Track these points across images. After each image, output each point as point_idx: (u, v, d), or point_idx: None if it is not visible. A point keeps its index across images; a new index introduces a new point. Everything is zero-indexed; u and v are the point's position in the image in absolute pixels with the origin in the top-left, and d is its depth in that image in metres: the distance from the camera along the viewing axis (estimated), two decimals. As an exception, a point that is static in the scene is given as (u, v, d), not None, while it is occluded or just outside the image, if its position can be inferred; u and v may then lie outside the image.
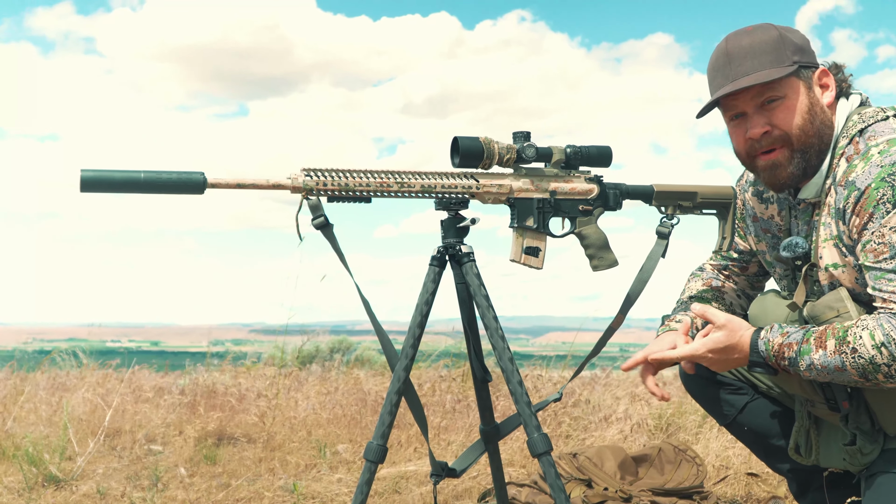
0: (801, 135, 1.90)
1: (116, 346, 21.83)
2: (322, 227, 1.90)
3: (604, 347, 2.20)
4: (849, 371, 1.79)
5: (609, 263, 2.10)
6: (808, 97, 1.91)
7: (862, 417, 1.94)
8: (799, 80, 1.91)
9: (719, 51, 1.95)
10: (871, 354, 1.75)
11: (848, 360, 1.78)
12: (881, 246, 1.78)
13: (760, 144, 1.93)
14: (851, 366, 1.78)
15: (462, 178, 1.97)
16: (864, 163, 1.82)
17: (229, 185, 1.82)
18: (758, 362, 1.92)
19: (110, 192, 1.74)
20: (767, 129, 1.91)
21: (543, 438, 1.93)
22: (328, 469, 3.61)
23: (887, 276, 1.77)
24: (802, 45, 1.92)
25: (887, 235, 1.76)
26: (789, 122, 1.90)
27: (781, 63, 1.88)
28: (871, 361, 1.75)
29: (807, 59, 1.92)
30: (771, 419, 2.24)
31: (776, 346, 1.88)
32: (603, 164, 2.10)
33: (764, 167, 1.96)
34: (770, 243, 2.15)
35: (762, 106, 1.91)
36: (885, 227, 1.77)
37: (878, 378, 1.77)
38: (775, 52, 1.89)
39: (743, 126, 1.95)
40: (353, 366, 7.19)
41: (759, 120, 1.92)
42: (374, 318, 1.98)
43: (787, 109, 1.90)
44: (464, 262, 1.99)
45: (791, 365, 1.87)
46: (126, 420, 4.45)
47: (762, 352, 1.90)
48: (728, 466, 3.38)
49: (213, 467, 3.65)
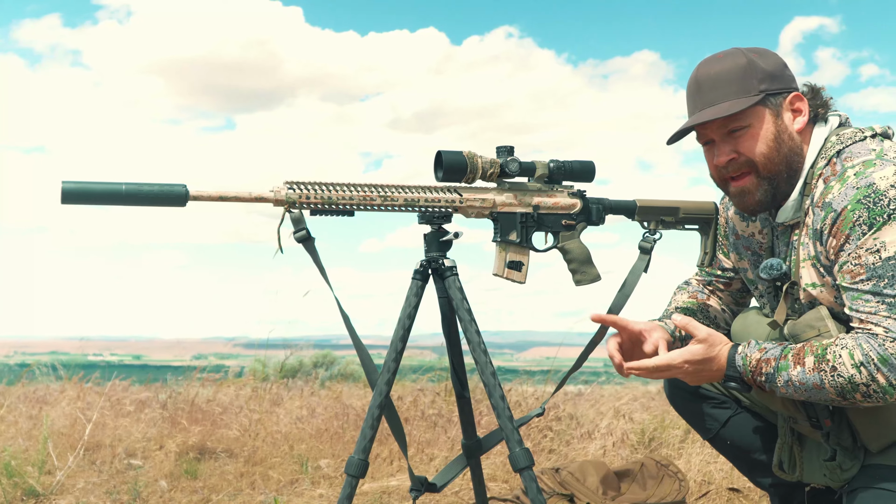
0: (766, 162, 1.92)
1: (97, 360, 21.68)
2: (304, 240, 1.90)
3: (586, 362, 2.21)
4: (827, 389, 1.79)
5: (592, 278, 2.10)
6: (774, 125, 1.92)
7: (843, 434, 1.95)
8: (765, 109, 1.91)
9: (691, 77, 1.98)
10: (850, 373, 1.76)
11: (827, 378, 1.78)
12: (857, 267, 1.79)
13: (728, 170, 1.96)
14: (830, 384, 1.78)
15: (445, 192, 1.97)
16: (840, 184, 1.83)
17: (211, 198, 1.81)
18: (733, 377, 1.91)
19: (92, 203, 1.73)
20: (733, 156, 1.94)
21: (525, 453, 1.92)
22: (310, 484, 3.59)
23: (864, 297, 1.78)
24: (773, 72, 1.92)
25: (863, 257, 1.78)
26: (753, 150, 1.91)
27: (747, 93, 1.90)
28: (849, 380, 1.76)
29: (777, 85, 1.92)
30: (754, 434, 2.24)
31: (753, 361, 1.89)
32: (586, 179, 2.11)
33: (734, 193, 1.98)
34: (752, 261, 2.16)
35: (729, 134, 1.93)
36: (861, 249, 1.78)
37: (856, 397, 1.78)
38: (741, 81, 1.90)
39: (712, 152, 1.98)
40: (337, 380, 7.17)
41: (725, 148, 1.94)
42: (353, 332, 1.98)
43: (752, 138, 1.91)
44: (446, 276, 1.99)
45: (768, 381, 1.87)
46: (106, 434, 4.41)
47: (738, 367, 1.90)
48: (710, 481, 3.38)
49: (193, 482, 3.62)
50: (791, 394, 1.85)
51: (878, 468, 1.91)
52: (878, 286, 1.76)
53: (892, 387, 1.74)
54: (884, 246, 1.76)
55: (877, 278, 1.76)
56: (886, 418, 1.89)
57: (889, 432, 1.90)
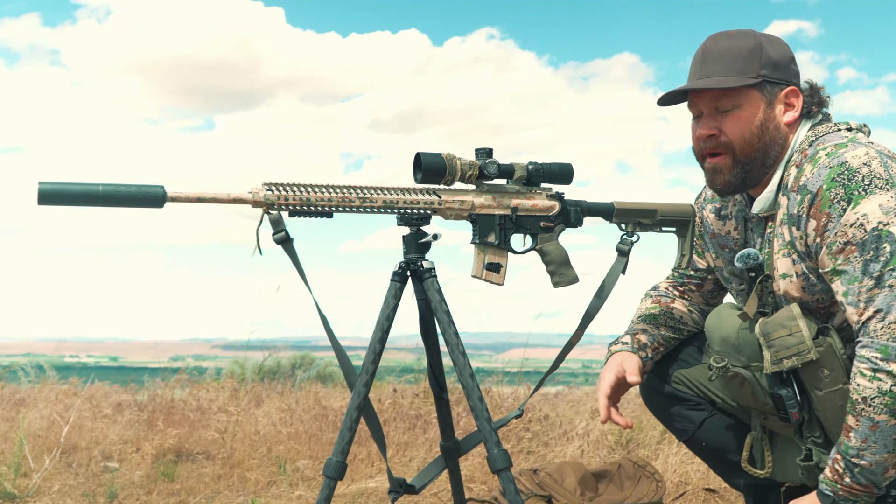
0: (744, 146, 1.94)
1: (74, 362, 21.48)
2: (283, 241, 1.90)
3: (563, 363, 2.22)
4: (882, 420, 1.76)
5: (570, 280, 2.11)
6: (763, 112, 1.94)
7: (815, 429, 1.96)
8: (759, 94, 1.94)
9: (700, 47, 2.01)
10: (872, 388, 1.76)
11: (867, 411, 1.77)
12: (846, 245, 1.80)
13: (707, 146, 1.99)
14: (877, 413, 1.76)
15: (424, 193, 1.97)
16: (812, 165, 1.86)
17: (189, 199, 1.80)
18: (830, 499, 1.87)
19: (69, 204, 1.72)
20: (714, 132, 1.97)
21: (503, 454, 1.93)
22: (288, 486, 3.59)
23: (853, 276, 1.79)
24: (778, 61, 1.95)
25: (849, 233, 1.79)
26: (736, 132, 1.94)
27: (746, 74, 1.92)
28: (881, 392, 1.75)
29: (777, 75, 1.95)
30: (728, 435, 2.26)
31: (829, 474, 1.86)
32: (564, 181, 2.12)
33: (708, 169, 2.02)
34: (727, 259, 2.18)
35: (718, 110, 1.96)
36: (846, 226, 1.80)
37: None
38: (744, 61, 1.93)
39: (698, 125, 2.01)
40: (315, 381, 7.15)
41: (710, 122, 1.97)
42: (331, 334, 1.98)
43: (738, 119, 1.94)
44: (425, 277, 1.99)
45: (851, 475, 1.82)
46: (83, 436, 4.38)
47: (827, 491, 1.86)
48: (687, 482, 3.40)
49: (170, 484, 3.61)
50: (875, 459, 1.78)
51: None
52: (866, 261, 1.77)
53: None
54: (866, 218, 1.77)
55: (864, 252, 1.78)
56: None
57: None
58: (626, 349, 2.25)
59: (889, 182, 1.79)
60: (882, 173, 1.79)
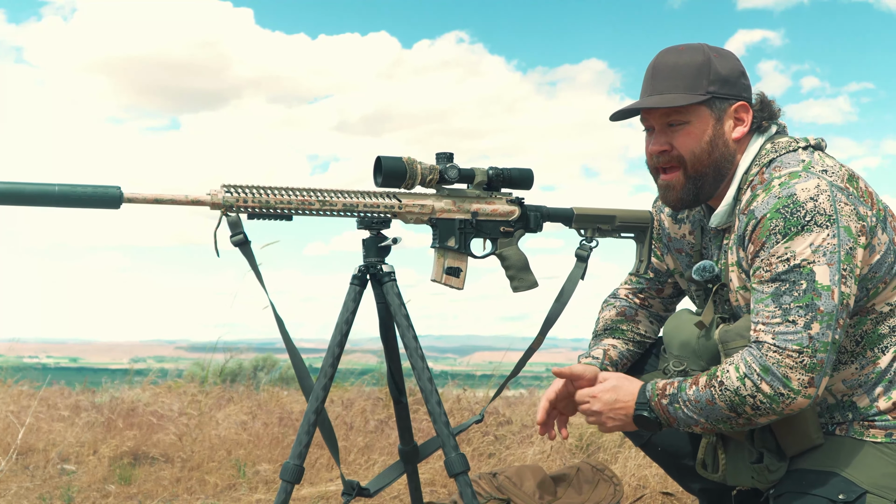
0: (695, 162, 1.97)
1: (33, 363, 21.17)
2: (240, 244, 1.89)
3: (525, 367, 2.23)
4: (719, 405, 1.85)
5: (529, 284, 2.13)
6: (712, 128, 1.97)
7: (767, 437, 1.99)
8: (707, 110, 1.96)
9: (651, 63, 2.03)
10: (735, 386, 1.82)
11: (716, 392, 1.85)
12: (766, 273, 1.84)
13: (659, 160, 2.01)
14: (720, 399, 1.84)
15: (384, 197, 1.98)
16: (765, 193, 1.88)
17: (147, 200, 1.79)
18: (643, 403, 1.96)
19: (23, 204, 1.70)
20: (666, 147, 1.99)
21: (460, 458, 1.94)
22: (247, 489, 3.56)
23: (765, 301, 1.84)
24: (727, 77, 1.97)
25: (774, 264, 1.83)
26: (686, 147, 1.97)
27: (694, 91, 1.94)
28: (736, 392, 1.82)
29: (726, 90, 1.97)
30: (683, 440, 2.28)
31: (661, 385, 1.95)
32: (525, 186, 2.13)
33: (661, 185, 2.05)
34: (684, 262, 2.20)
35: (668, 126, 1.98)
36: (773, 257, 1.83)
37: (747, 411, 1.83)
38: (693, 78, 1.95)
39: (651, 140, 2.03)
40: (277, 384, 7.11)
41: (661, 138, 2.00)
42: (287, 336, 1.98)
43: (688, 135, 1.97)
44: (384, 281, 2.00)
45: (671, 402, 1.91)
46: (40, 438, 4.32)
47: (648, 391, 1.96)
48: (645, 486, 3.43)
49: (127, 487, 3.57)
50: (691, 415, 1.90)
51: (804, 473, 1.95)
52: (780, 290, 1.81)
53: (778, 395, 1.79)
54: (794, 255, 1.80)
55: (780, 282, 1.81)
56: (800, 427, 1.94)
57: (803, 440, 1.95)
58: (596, 364, 2.25)
59: (830, 219, 1.80)
60: (826, 209, 1.81)
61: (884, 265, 1.90)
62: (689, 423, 1.92)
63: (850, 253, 1.81)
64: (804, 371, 1.78)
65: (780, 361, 1.78)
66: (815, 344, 1.78)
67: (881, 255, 1.89)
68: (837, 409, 1.97)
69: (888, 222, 1.93)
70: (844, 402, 1.97)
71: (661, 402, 1.93)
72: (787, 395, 1.79)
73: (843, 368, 1.96)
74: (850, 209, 1.83)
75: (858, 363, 1.95)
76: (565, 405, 2.20)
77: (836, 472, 1.91)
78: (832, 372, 1.92)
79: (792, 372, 1.78)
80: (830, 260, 1.79)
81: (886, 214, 1.93)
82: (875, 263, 1.89)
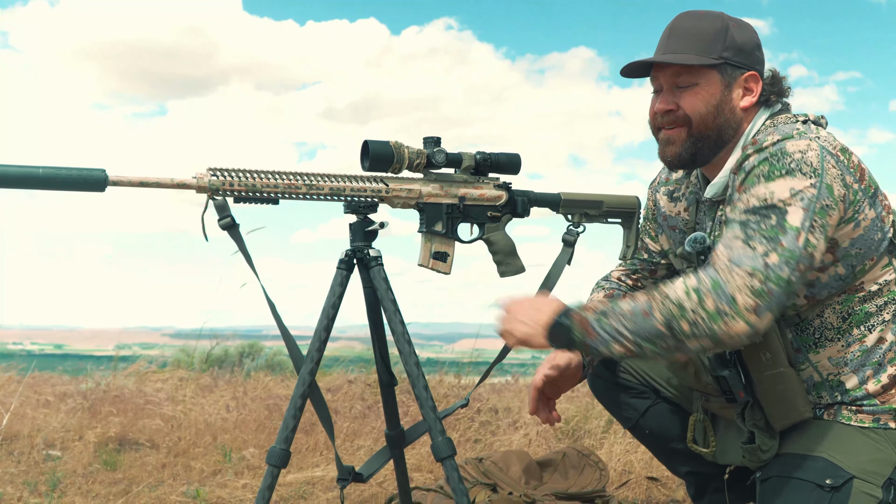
0: (700, 123, 1.97)
1: (17, 349, 21.09)
2: (228, 227, 1.88)
3: (509, 353, 2.23)
4: (655, 317, 1.73)
5: (516, 269, 2.13)
6: (720, 93, 1.97)
7: (756, 413, 1.99)
8: (719, 75, 1.96)
9: (669, 23, 2.03)
10: (679, 298, 1.72)
11: (657, 303, 1.74)
12: (741, 206, 1.81)
13: (664, 119, 2.01)
14: (659, 310, 1.73)
15: (371, 181, 1.97)
16: (757, 154, 1.87)
17: (132, 183, 1.78)
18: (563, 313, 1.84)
19: (7, 187, 1.68)
20: (672, 107, 1.99)
21: (447, 443, 1.94)
22: (233, 474, 3.56)
23: (732, 228, 1.80)
24: (742, 46, 1.97)
25: (751, 201, 1.80)
26: (693, 108, 1.96)
27: (709, 54, 1.95)
28: (678, 304, 1.72)
29: (739, 59, 1.97)
30: (671, 423, 2.29)
31: (593, 304, 1.85)
32: (512, 171, 2.13)
33: (662, 139, 2.03)
34: (677, 240, 2.20)
35: (677, 86, 1.98)
36: (753, 197, 1.80)
37: (683, 328, 1.72)
38: (709, 42, 1.95)
39: (657, 100, 2.03)
40: (263, 370, 7.10)
41: (669, 98, 1.99)
42: (279, 319, 1.97)
43: (696, 96, 1.96)
44: (371, 266, 1.99)
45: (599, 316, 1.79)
46: (25, 424, 4.31)
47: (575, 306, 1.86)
48: (630, 471, 3.45)
49: (113, 473, 3.56)
50: (615, 328, 1.77)
51: (791, 457, 1.96)
52: (748, 221, 1.78)
53: (718, 313, 1.69)
54: (771, 195, 1.78)
55: (751, 214, 1.78)
56: (789, 398, 1.93)
57: (792, 412, 1.94)
58: None
59: (815, 172, 1.79)
60: (813, 162, 1.80)
61: (870, 242, 1.89)
62: (608, 341, 1.77)
63: (825, 209, 1.78)
64: (750, 294, 1.70)
65: (730, 281, 1.71)
66: (768, 272, 1.71)
67: (865, 230, 1.88)
68: (824, 387, 1.97)
69: (878, 199, 1.92)
70: (831, 381, 1.96)
71: (583, 314, 1.81)
72: (728, 314, 1.69)
73: (829, 345, 1.96)
74: (836, 173, 1.82)
75: (844, 340, 1.95)
76: (551, 390, 2.21)
77: (824, 456, 1.91)
78: (818, 349, 1.93)
79: (738, 293, 1.70)
80: (806, 206, 1.77)
81: (877, 192, 1.93)
82: (858, 238, 1.88)
